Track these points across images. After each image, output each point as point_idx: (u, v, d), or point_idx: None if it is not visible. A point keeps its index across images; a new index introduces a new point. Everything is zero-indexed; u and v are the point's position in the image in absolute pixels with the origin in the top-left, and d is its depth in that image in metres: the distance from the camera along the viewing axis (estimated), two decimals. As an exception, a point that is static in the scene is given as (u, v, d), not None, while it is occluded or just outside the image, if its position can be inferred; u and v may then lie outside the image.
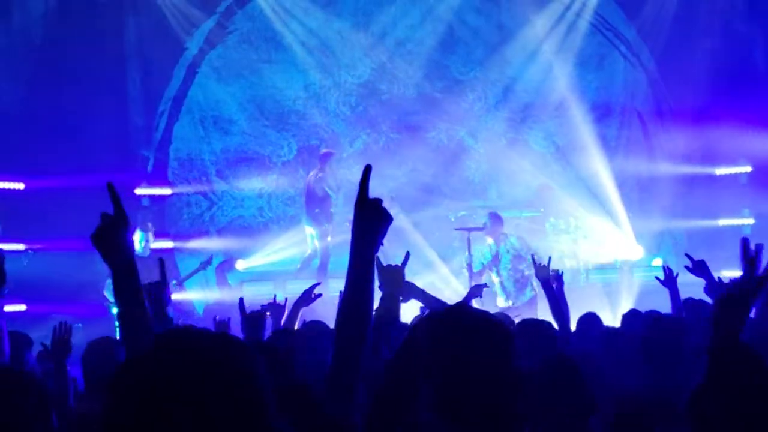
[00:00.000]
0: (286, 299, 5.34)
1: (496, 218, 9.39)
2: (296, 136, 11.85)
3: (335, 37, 11.58)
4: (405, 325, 4.45)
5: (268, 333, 4.76)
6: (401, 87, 11.77)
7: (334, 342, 2.36)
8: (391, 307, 3.90)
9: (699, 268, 5.10)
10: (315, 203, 10.37)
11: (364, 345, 2.31)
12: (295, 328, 5.24)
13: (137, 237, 9.89)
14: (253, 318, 4.11)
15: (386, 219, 2.32)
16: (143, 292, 2.49)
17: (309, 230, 10.52)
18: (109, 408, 1.27)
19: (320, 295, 5.42)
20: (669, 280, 5.42)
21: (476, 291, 5.88)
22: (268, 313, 5.24)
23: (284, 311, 5.25)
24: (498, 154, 11.79)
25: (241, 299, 4.32)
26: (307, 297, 5.34)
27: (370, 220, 2.29)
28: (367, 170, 2.32)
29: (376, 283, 2.51)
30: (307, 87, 11.76)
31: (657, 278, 5.43)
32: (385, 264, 3.85)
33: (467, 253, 9.20)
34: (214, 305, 10.80)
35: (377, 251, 2.29)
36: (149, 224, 10.30)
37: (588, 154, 11.53)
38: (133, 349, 2.36)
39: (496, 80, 11.77)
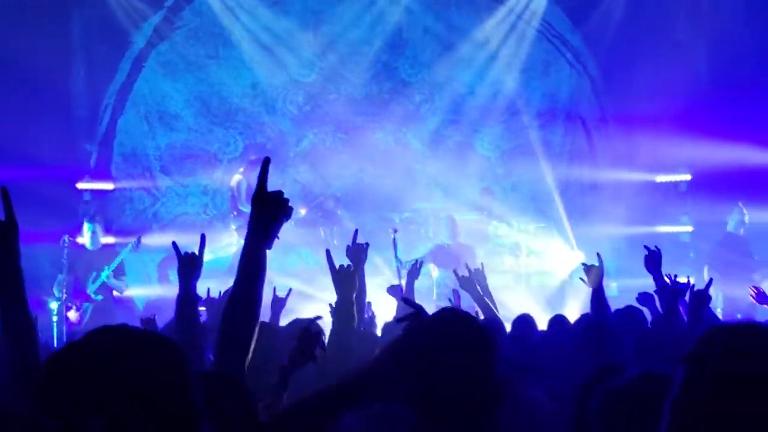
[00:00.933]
0: (290, 289, 5.58)
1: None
2: (243, 134, 12.11)
3: (283, 35, 11.88)
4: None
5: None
6: (349, 87, 12.08)
7: (219, 334, 2.44)
8: (345, 310, 4.07)
9: (652, 260, 5.20)
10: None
11: (251, 338, 2.38)
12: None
13: (85, 228, 10.10)
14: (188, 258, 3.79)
15: (285, 214, 2.39)
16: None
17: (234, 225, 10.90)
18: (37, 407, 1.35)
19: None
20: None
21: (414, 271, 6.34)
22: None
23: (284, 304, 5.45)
24: (444, 156, 12.10)
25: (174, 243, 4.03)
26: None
27: (269, 214, 2.36)
28: (266, 163, 2.39)
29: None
30: (254, 85, 12.02)
31: (582, 279, 5.60)
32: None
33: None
34: (156, 301, 10.97)
35: (271, 246, 2.37)
36: (98, 218, 10.44)
37: (532, 159, 11.89)
38: (14, 346, 2.49)
39: (443, 83, 12.14)
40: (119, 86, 11.77)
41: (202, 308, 4.95)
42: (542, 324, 6.11)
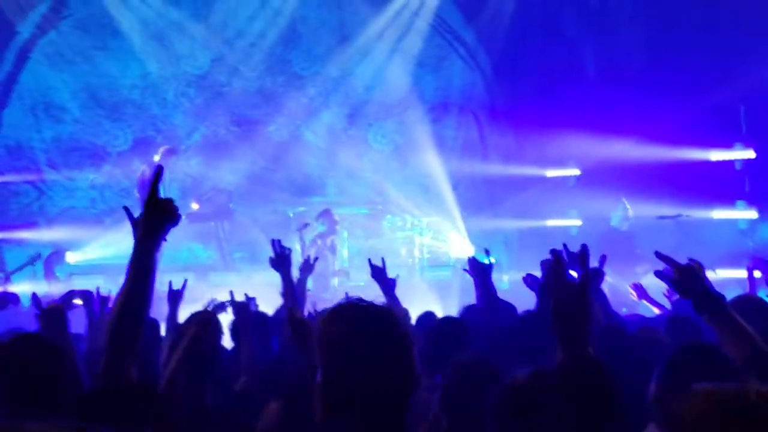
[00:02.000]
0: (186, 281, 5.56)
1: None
2: (132, 127, 12.37)
3: (174, 26, 12.04)
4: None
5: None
6: (241, 80, 12.44)
7: (107, 333, 2.57)
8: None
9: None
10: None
11: (138, 336, 2.54)
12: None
13: None
14: (51, 311, 3.93)
15: (174, 219, 2.59)
16: None
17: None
18: None
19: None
20: (473, 269, 5.83)
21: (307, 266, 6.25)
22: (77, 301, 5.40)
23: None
24: (337, 150, 12.50)
25: (34, 294, 4.34)
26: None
27: (159, 219, 2.55)
28: (159, 171, 2.60)
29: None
30: (144, 76, 12.29)
31: (464, 269, 5.83)
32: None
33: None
34: (43, 297, 10.89)
35: (160, 248, 2.57)
36: None
37: (425, 153, 12.29)
38: None
39: (336, 77, 12.62)
40: (4, 77, 11.79)
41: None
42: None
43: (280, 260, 5.25)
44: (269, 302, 9.70)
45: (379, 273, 5.70)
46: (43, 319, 3.88)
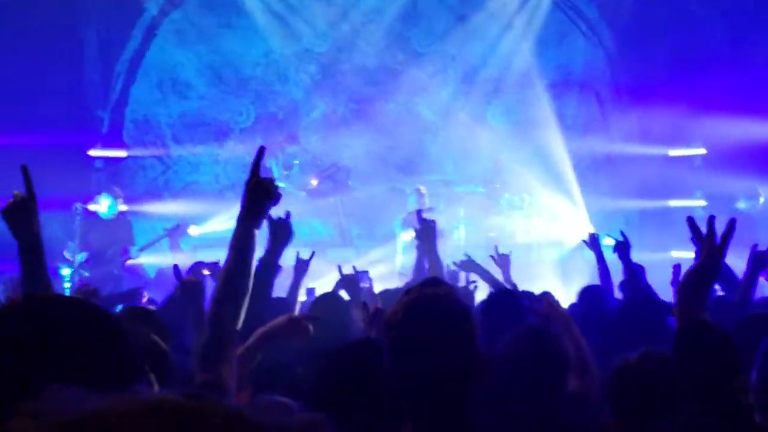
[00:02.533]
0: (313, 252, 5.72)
1: None
2: (255, 103, 12.78)
3: (297, 4, 12.39)
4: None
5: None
6: (362, 57, 12.74)
7: (211, 307, 2.68)
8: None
9: (620, 248, 5.63)
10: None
11: (241, 311, 2.60)
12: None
13: (106, 202, 10.45)
14: (190, 283, 4.16)
15: (273, 198, 2.71)
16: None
17: None
18: None
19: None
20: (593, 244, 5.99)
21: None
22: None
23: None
24: (456, 128, 12.70)
25: (176, 266, 4.51)
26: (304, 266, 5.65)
27: (259, 199, 2.67)
28: (261, 151, 2.74)
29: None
30: (267, 54, 12.72)
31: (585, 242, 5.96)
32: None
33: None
34: (166, 269, 11.34)
35: (260, 227, 2.70)
36: (116, 189, 10.89)
37: (545, 131, 12.35)
38: None
39: (456, 54, 12.77)
40: (132, 53, 12.44)
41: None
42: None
43: (426, 231, 5.32)
44: (384, 279, 9.90)
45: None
46: (182, 289, 4.08)
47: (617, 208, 12.62)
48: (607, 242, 12.26)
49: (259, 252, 2.81)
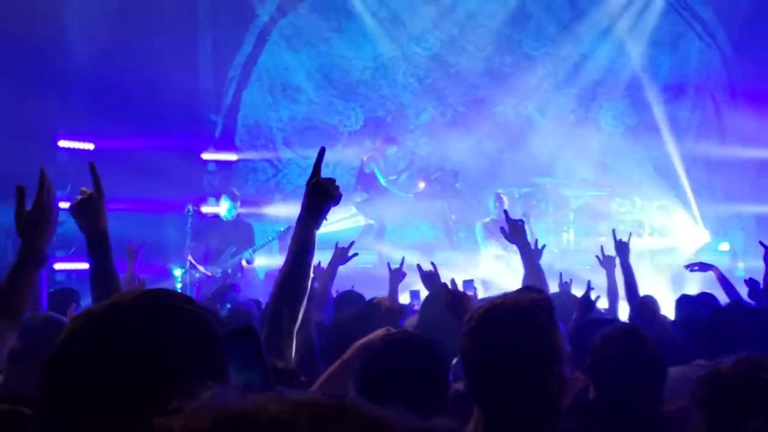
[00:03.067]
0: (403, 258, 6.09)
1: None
2: (363, 107, 13.13)
3: (405, 7, 12.81)
4: None
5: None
6: (470, 60, 12.95)
7: (270, 304, 2.74)
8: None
9: None
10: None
11: (299, 310, 2.64)
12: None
13: (225, 205, 10.72)
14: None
15: (334, 199, 2.75)
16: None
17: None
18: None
19: (356, 254, 6.03)
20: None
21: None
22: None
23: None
24: (565, 131, 12.77)
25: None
26: (341, 255, 5.88)
27: (319, 199, 2.71)
28: (322, 152, 2.78)
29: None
30: (375, 57, 13.09)
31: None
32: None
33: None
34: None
35: (320, 227, 2.74)
36: (235, 191, 11.17)
37: (658, 134, 12.21)
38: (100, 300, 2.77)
39: (566, 57, 12.93)
40: (244, 59, 12.84)
41: None
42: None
43: (515, 231, 5.26)
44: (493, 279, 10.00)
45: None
46: None
47: (733, 212, 12.49)
48: (723, 248, 12.22)
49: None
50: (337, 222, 12.60)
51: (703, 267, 6.95)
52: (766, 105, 12.38)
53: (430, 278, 5.35)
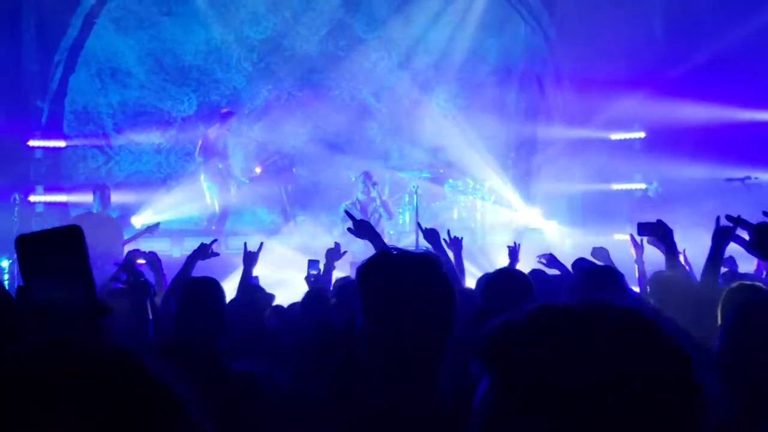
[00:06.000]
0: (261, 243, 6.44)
1: None
2: (197, 91, 13.39)
3: (238, -10, 12.76)
4: None
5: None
6: (304, 44, 13.31)
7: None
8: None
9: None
10: (216, 158, 11.51)
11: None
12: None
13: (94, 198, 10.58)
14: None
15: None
16: None
17: (207, 185, 11.65)
18: None
19: (217, 254, 6.20)
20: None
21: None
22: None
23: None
24: (400, 114, 13.15)
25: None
26: (203, 251, 6.08)
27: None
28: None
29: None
30: (208, 41, 13.35)
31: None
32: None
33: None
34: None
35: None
36: (105, 184, 11.21)
37: (488, 116, 12.91)
38: None
39: (399, 40, 13.32)
40: (71, 42, 12.79)
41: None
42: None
43: (361, 227, 5.88)
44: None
45: (431, 236, 6.25)
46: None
47: (560, 191, 13.44)
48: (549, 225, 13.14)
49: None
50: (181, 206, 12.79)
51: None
52: (589, 87, 13.37)
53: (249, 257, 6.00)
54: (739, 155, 12.10)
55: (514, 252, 6.93)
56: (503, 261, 12.47)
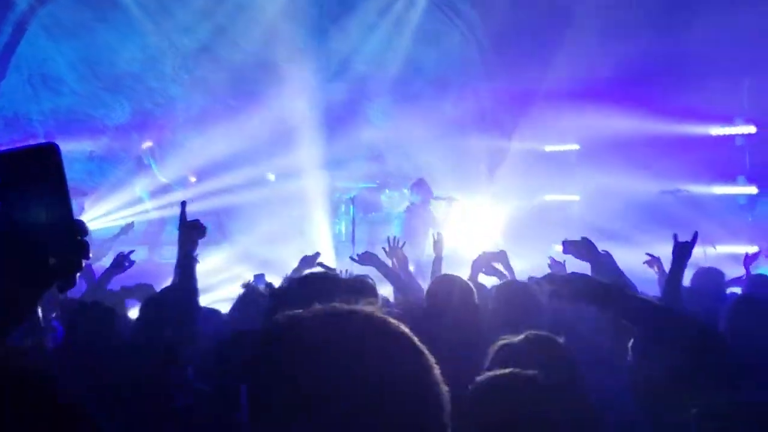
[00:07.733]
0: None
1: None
2: (130, 99, 13.33)
3: (175, -1, 12.88)
4: None
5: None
6: (241, 53, 13.26)
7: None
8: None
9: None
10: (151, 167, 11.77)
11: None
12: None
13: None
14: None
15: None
16: None
17: (143, 193, 11.81)
18: None
19: (133, 262, 6.42)
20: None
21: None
22: None
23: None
24: (337, 125, 13.30)
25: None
26: (119, 264, 6.31)
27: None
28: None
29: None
30: (143, 49, 13.48)
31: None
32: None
33: None
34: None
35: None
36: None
37: (425, 128, 13.15)
38: None
39: (336, 50, 13.29)
40: (1, 48, 12.73)
41: None
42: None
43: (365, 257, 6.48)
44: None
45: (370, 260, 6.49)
46: None
47: (498, 202, 13.74)
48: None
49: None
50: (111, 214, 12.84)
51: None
52: (525, 99, 13.72)
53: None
54: (673, 168, 12.51)
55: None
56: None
